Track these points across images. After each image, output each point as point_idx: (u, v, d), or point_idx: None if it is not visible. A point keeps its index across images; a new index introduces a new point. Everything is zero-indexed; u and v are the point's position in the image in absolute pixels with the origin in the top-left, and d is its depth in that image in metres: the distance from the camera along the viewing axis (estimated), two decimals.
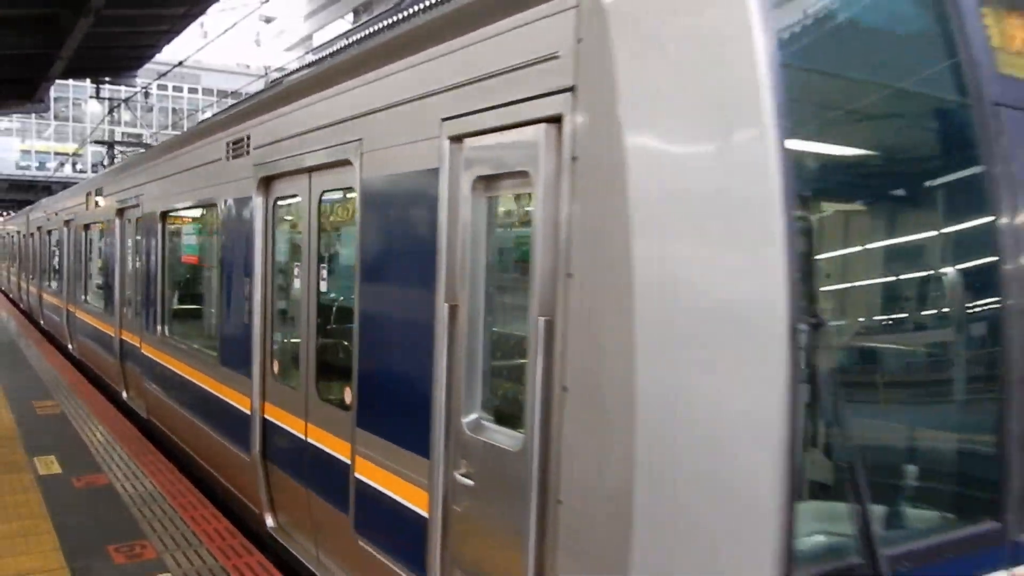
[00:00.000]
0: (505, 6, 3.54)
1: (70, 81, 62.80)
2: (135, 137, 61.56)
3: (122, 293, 11.41)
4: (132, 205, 10.82)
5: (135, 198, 10.63)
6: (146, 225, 10.09)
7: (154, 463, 8.46)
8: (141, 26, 17.97)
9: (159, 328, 9.44)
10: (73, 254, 16.01)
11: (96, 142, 36.88)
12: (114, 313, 11.72)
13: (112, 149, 31.77)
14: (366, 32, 6.65)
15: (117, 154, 30.42)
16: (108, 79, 27.61)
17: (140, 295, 10.38)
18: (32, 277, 23.58)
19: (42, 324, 21.17)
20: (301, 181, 5.68)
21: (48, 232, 20.27)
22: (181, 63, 22.48)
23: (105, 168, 25.23)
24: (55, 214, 19.04)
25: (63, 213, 17.47)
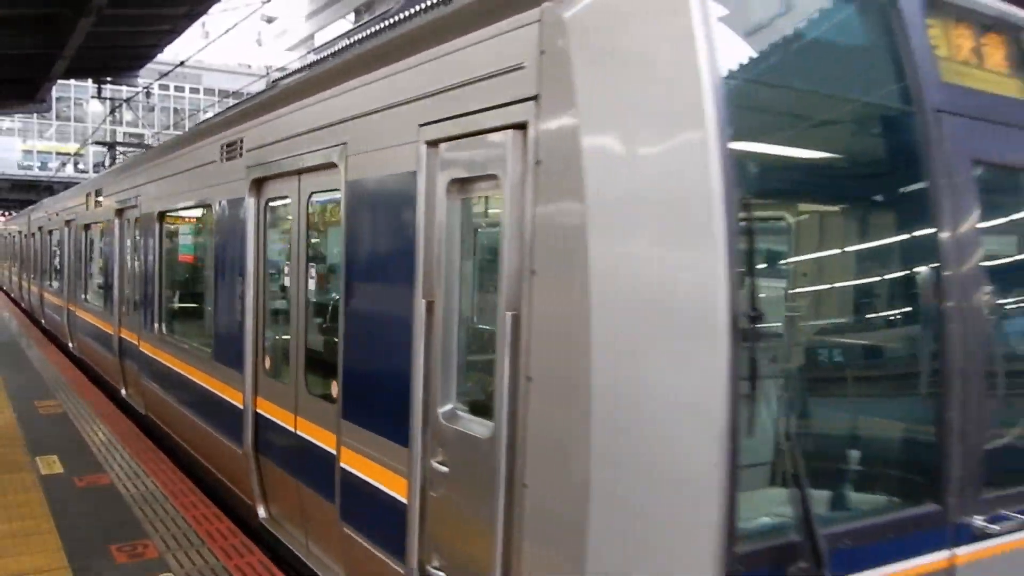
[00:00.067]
0: (476, 19, 3.74)
1: (72, 81, 62.88)
2: (137, 137, 61.78)
3: (121, 292, 11.60)
4: (131, 205, 11.01)
5: (134, 199, 10.83)
6: (144, 225, 10.30)
7: (156, 462, 8.49)
8: (143, 26, 18.05)
9: (156, 326, 9.64)
10: (74, 254, 16.18)
11: (97, 143, 37.05)
12: (113, 312, 11.92)
13: (113, 150, 31.95)
14: (365, 33, 6.81)
15: (118, 154, 30.58)
16: (110, 79, 27.61)
17: (138, 294, 10.59)
18: (33, 277, 23.72)
19: (43, 323, 21.31)
20: (291, 183, 5.87)
21: (49, 232, 20.43)
22: (183, 63, 22.52)
23: (106, 168, 25.42)
24: (56, 214, 19.21)
25: (64, 213, 17.64)
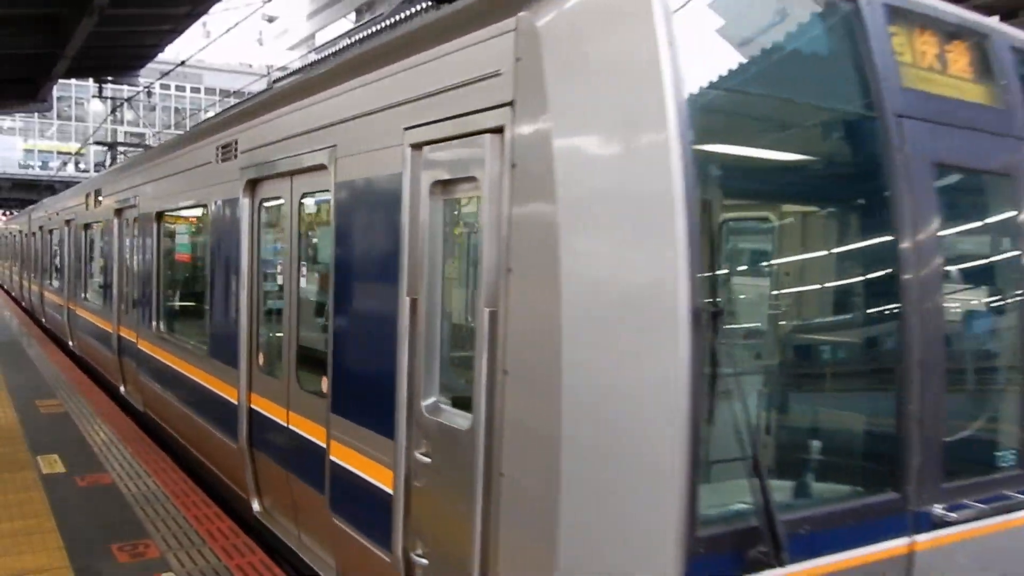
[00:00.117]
0: (456, 28, 3.89)
1: (73, 80, 63.05)
2: (137, 136, 61.92)
3: (120, 291, 11.76)
4: (130, 205, 11.17)
5: (132, 198, 10.99)
6: (142, 225, 10.46)
7: (157, 462, 8.51)
8: (144, 25, 18.19)
9: (154, 324, 9.80)
10: (74, 253, 16.34)
11: (98, 143, 37.23)
12: (112, 310, 12.08)
13: (114, 149, 32.14)
14: (363, 35, 6.96)
15: (118, 154, 30.76)
16: (111, 78, 27.78)
17: (137, 292, 10.75)
18: (34, 276, 23.87)
19: (44, 322, 21.45)
20: (283, 184, 6.03)
21: (50, 231, 20.58)
22: (184, 62, 22.61)
23: (107, 168, 25.57)
24: (56, 214, 19.35)
25: (64, 213, 17.79)
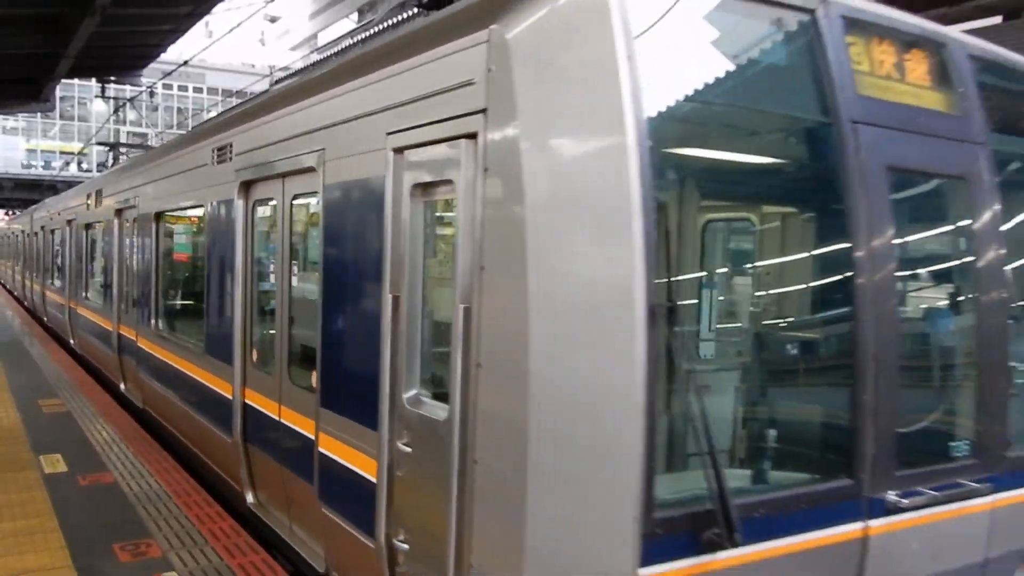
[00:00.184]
0: (435, 38, 4.09)
1: (76, 80, 63.34)
2: (140, 136, 62.18)
3: (120, 290, 11.97)
4: (129, 206, 11.38)
5: (132, 199, 11.20)
6: (142, 225, 10.67)
7: (159, 461, 8.58)
8: (146, 25, 18.34)
9: (153, 322, 10.01)
10: (75, 253, 16.55)
11: (99, 143, 37.44)
12: (112, 309, 12.30)
13: (115, 150, 32.37)
14: (362, 36, 7.13)
15: (120, 155, 30.98)
16: (113, 78, 27.91)
17: (136, 291, 10.96)
18: (36, 275, 24.09)
19: (46, 321, 21.65)
20: (275, 185, 6.23)
21: (51, 231, 20.79)
22: (186, 62, 22.74)
23: (108, 168, 25.77)
24: (58, 214, 19.55)
25: (66, 213, 18.00)
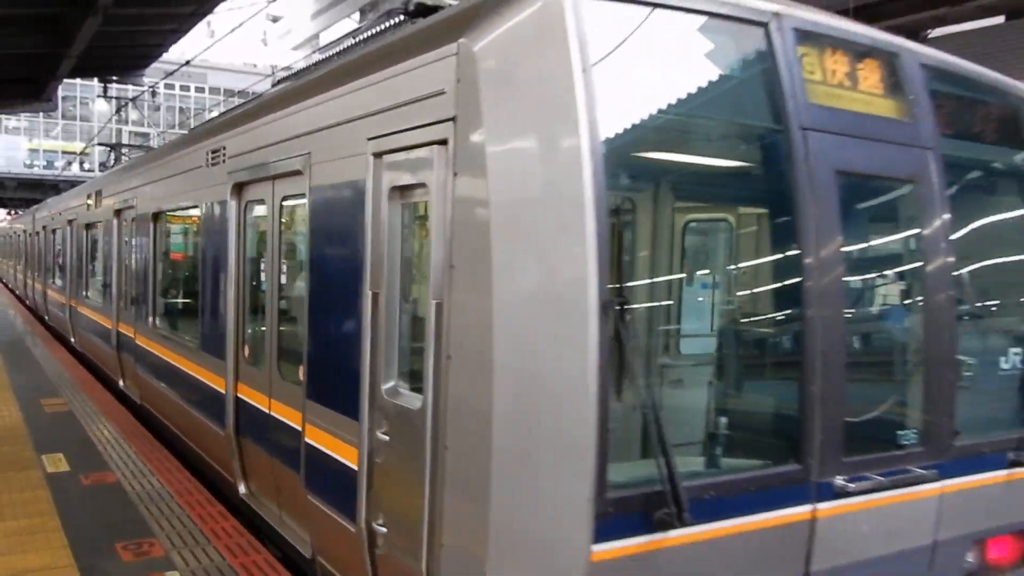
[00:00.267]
0: (410, 49, 4.34)
1: (77, 80, 63.73)
2: (142, 136, 62.46)
3: (119, 288, 12.23)
4: (128, 206, 11.64)
5: (130, 199, 11.47)
6: (140, 225, 10.93)
7: (161, 461, 8.64)
8: (148, 25, 18.48)
9: (150, 320, 10.28)
10: (75, 252, 16.80)
11: (101, 144, 37.69)
12: (112, 307, 12.57)
13: (117, 150, 32.59)
14: (363, 37, 7.33)
15: (122, 155, 31.19)
16: (115, 78, 28.05)
17: (134, 290, 11.23)
18: (38, 274, 24.34)
19: (47, 319, 21.89)
20: (266, 187, 6.48)
21: (52, 231, 21.04)
22: (188, 62, 22.81)
23: (110, 168, 25.99)
24: (59, 214, 19.81)
25: (66, 213, 18.25)
